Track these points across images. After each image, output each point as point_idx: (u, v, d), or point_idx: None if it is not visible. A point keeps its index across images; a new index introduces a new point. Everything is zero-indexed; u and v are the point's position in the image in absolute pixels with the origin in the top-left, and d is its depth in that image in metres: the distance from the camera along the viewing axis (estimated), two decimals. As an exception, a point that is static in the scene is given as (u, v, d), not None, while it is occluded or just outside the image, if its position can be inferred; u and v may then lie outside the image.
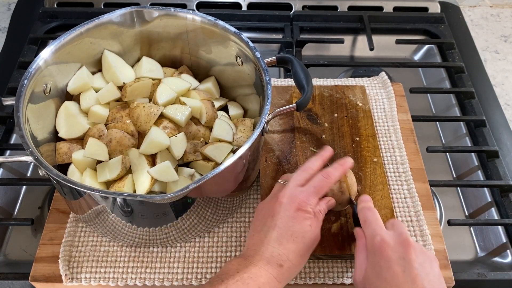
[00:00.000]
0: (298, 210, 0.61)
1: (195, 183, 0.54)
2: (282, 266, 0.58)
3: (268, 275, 0.57)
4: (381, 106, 0.89)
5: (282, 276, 0.58)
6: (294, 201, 0.61)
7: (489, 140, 0.90)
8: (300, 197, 0.62)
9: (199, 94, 0.74)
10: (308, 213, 0.61)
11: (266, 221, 0.62)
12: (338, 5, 1.18)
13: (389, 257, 0.55)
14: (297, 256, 0.59)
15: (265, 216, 0.62)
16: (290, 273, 0.59)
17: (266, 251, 0.59)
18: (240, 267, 0.57)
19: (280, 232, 0.60)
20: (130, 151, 0.67)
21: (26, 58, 1.02)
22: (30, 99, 0.63)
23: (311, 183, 0.64)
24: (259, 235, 0.61)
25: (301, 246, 0.60)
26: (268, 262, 0.58)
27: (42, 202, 0.84)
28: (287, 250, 0.59)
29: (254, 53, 0.68)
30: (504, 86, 1.08)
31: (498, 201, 0.84)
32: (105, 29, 0.71)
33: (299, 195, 0.62)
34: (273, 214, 0.61)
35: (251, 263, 0.58)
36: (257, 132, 0.60)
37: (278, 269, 0.58)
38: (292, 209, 0.61)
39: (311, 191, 0.63)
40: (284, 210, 0.61)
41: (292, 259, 0.59)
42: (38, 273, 0.69)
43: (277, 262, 0.58)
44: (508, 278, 0.73)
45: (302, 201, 0.61)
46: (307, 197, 0.62)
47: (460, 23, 1.17)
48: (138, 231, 0.65)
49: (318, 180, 0.64)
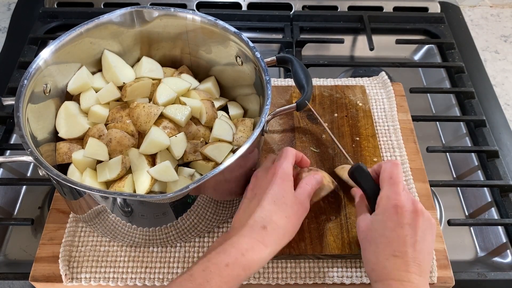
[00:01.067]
0: (274, 174, 0.62)
1: (195, 183, 0.54)
2: (265, 228, 0.58)
3: (251, 240, 0.57)
4: (381, 106, 0.89)
5: (268, 238, 0.58)
6: (269, 169, 0.64)
7: (489, 140, 0.90)
8: (274, 165, 0.64)
9: (199, 94, 0.74)
10: (285, 174, 0.62)
11: (246, 195, 0.64)
12: (338, 5, 1.18)
13: (399, 221, 0.57)
14: (281, 217, 0.59)
15: (246, 193, 0.64)
16: (277, 236, 0.59)
17: (248, 218, 0.59)
18: (222, 240, 0.58)
19: (259, 198, 0.60)
20: (130, 151, 0.67)
21: (26, 58, 1.02)
22: (30, 99, 0.63)
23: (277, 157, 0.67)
24: (242, 209, 0.62)
25: (283, 207, 0.60)
26: (250, 228, 0.58)
27: (42, 202, 0.84)
28: (269, 211, 0.59)
29: (254, 53, 0.68)
30: (504, 86, 1.08)
31: (498, 201, 0.84)
32: (105, 29, 0.71)
33: (271, 163, 0.65)
34: (252, 187, 0.64)
35: (234, 234, 0.58)
36: (257, 132, 0.60)
37: (262, 231, 0.57)
38: (269, 175, 0.62)
39: (279, 158, 0.65)
40: (261, 179, 0.63)
41: (276, 220, 0.59)
42: (38, 273, 0.69)
43: (260, 225, 0.58)
44: (508, 278, 0.73)
45: (276, 166, 0.63)
46: (279, 163, 0.63)
47: (460, 23, 1.17)
48: (138, 231, 0.65)
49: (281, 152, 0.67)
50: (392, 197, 0.59)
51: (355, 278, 0.68)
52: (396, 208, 0.58)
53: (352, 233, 0.70)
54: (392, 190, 0.60)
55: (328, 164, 0.78)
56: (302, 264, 0.70)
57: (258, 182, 0.64)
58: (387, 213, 0.59)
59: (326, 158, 0.79)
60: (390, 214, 0.58)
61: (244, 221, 0.59)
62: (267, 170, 0.64)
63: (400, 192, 0.60)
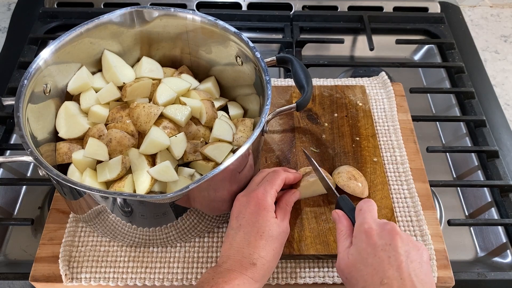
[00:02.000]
0: (258, 204, 0.62)
1: (195, 183, 0.54)
2: (255, 265, 0.59)
3: (242, 276, 0.58)
4: (381, 106, 0.89)
5: (257, 274, 0.59)
6: (252, 197, 0.63)
7: (489, 140, 0.90)
8: (256, 192, 0.63)
9: (199, 94, 0.74)
10: (269, 205, 0.62)
11: (231, 223, 0.63)
12: (338, 5, 1.18)
13: (375, 243, 0.55)
14: (268, 251, 0.60)
15: (231, 219, 0.64)
16: (265, 270, 0.60)
17: (236, 254, 0.60)
18: (214, 274, 0.58)
19: (246, 231, 0.61)
20: (130, 151, 0.67)
21: (26, 58, 1.02)
22: (30, 99, 0.63)
23: (264, 179, 0.66)
24: (228, 240, 0.62)
25: (270, 240, 0.60)
26: (240, 264, 0.59)
27: (42, 202, 0.84)
28: (256, 248, 0.59)
29: (254, 53, 0.68)
30: (504, 86, 1.08)
31: (498, 201, 0.84)
32: (105, 29, 0.71)
33: (255, 190, 0.64)
34: (237, 215, 0.63)
35: (225, 269, 0.59)
36: (257, 132, 0.60)
37: (252, 268, 0.58)
38: (252, 205, 0.62)
39: (265, 184, 0.65)
40: (245, 207, 0.62)
41: (264, 256, 0.59)
42: (38, 273, 0.69)
43: (249, 262, 0.59)
44: (508, 278, 0.73)
45: (259, 194, 0.63)
46: (263, 190, 0.63)
47: (460, 23, 1.17)
48: (138, 231, 0.65)
49: (269, 175, 0.67)
50: (361, 222, 0.58)
51: (355, 278, 0.68)
52: (367, 232, 0.56)
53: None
54: (360, 218, 0.59)
55: (328, 164, 0.78)
56: (302, 264, 0.70)
57: (242, 210, 0.63)
58: (360, 240, 0.56)
59: (326, 158, 0.79)
60: (362, 240, 0.56)
61: (233, 255, 0.60)
62: (249, 197, 0.63)
63: (367, 217, 0.58)
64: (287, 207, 0.66)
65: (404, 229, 0.73)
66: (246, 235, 0.60)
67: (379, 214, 0.72)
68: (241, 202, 0.64)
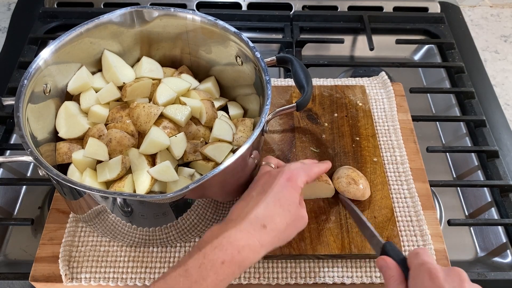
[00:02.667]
0: (289, 180, 0.61)
1: (195, 183, 0.54)
2: (265, 227, 0.56)
3: (248, 236, 0.55)
4: (381, 106, 0.89)
5: (265, 238, 0.56)
6: (285, 173, 0.62)
7: (489, 140, 0.90)
8: (291, 171, 0.62)
9: (199, 94, 0.74)
10: (298, 186, 0.61)
11: (255, 187, 0.62)
12: (338, 5, 1.18)
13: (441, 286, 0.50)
14: (282, 221, 0.58)
15: (255, 185, 0.62)
16: (273, 238, 0.57)
17: (250, 212, 0.57)
18: (219, 232, 0.55)
19: (268, 196, 0.59)
20: (130, 151, 0.67)
21: (26, 58, 1.02)
22: (30, 99, 0.63)
23: (300, 162, 0.66)
24: (245, 200, 0.60)
25: (287, 213, 0.59)
26: (250, 223, 0.56)
27: (42, 202, 0.84)
28: (273, 212, 0.58)
29: (254, 53, 0.68)
30: (504, 86, 1.08)
31: (498, 201, 0.84)
32: (105, 29, 0.71)
33: (290, 169, 0.63)
34: (264, 183, 0.62)
35: (232, 227, 0.56)
36: (257, 132, 0.60)
37: (261, 230, 0.56)
38: (283, 179, 0.61)
39: (301, 168, 0.64)
40: (275, 178, 0.61)
41: (278, 222, 0.57)
42: (38, 273, 0.69)
43: (261, 223, 0.56)
44: (508, 278, 0.73)
45: (293, 173, 0.62)
46: (297, 172, 0.62)
47: (460, 23, 1.17)
48: (138, 231, 0.65)
49: (308, 163, 0.66)
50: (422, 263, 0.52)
51: (355, 278, 0.68)
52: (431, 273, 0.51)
53: (352, 233, 0.70)
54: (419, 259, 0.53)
55: (328, 164, 0.78)
56: (302, 264, 0.70)
57: (270, 180, 0.62)
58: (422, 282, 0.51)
59: (326, 158, 0.79)
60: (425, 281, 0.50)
61: (245, 214, 0.57)
62: (283, 171, 0.62)
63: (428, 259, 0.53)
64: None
65: (404, 229, 0.73)
66: (267, 199, 0.58)
67: (379, 214, 0.72)
68: (272, 174, 0.62)
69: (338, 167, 0.77)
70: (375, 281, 0.68)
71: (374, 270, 0.69)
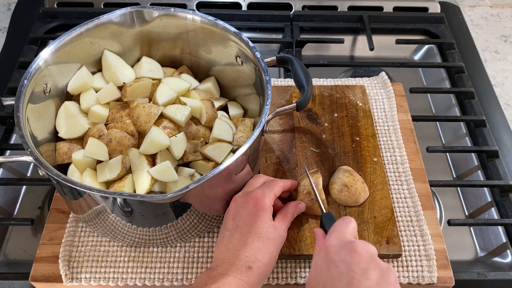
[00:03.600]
0: (256, 204, 0.61)
1: (195, 183, 0.54)
2: (251, 268, 0.57)
3: (236, 281, 0.56)
4: (381, 106, 0.89)
5: (253, 278, 0.57)
6: (251, 197, 0.61)
7: (489, 140, 0.90)
8: (254, 193, 0.62)
9: (199, 94, 0.74)
10: (267, 206, 0.61)
11: (227, 225, 0.61)
12: (338, 5, 1.18)
13: (331, 259, 0.53)
14: (265, 254, 0.58)
15: (226, 221, 0.62)
16: (260, 274, 0.58)
17: (232, 256, 0.58)
18: (208, 279, 0.56)
19: (243, 232, 0.59)
20: (130, 151, 0.67)
21: (26, 58, 1.02)
22: (30, 99, 0.63)
23: (263, 184, 0.65)
24: (223, 242, 0.60)
25: (267, 242, 0.59)
26: (236, 268, 0.57)
27: (42, 202, 0.84)
28: (253, 249, 0.58)
29: (254, 53, 0.68)
30: (504, 86, 1.08)
31: (498, 201, 0.84)
32: (105, 29, 0.71)
33: (254, 191, 0.62)
34: (233, 216, 0.61)
35: (219, 273, 0.56)
36: (257, 132, 0.60)
37: (247, 272, 0.56)
38: (250, 205, 0.61)
39: (264, 187, 0.63)
40: (242, 208, 0.61)
41: (261, 258, 0.58)
42: (38, 273, 0.69)
43: (246, 265, 0.57)
44: (508, 278, 0.73)
45: (257, 195, 0.61)
46: (261, 192, 0.62)
47: (460, 23, 1.17)
48: (138, 231, 0.65)
49: (268, 181, 0.66)
50: (326, 239, 0.56)
51: (355, 278, 0.68)
52: (326, 248, 0.55)
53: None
54: (327, 235, 0.57)
55: (328, 164, 0.78)
56: (302, 264, 0.70)
57: (239, 211, 0.61)
58: (318, 256, 0.55)
59: (326, 158, 0.79)
60: (321, 256, 0.55)
61: (228, 258, 0.58)
62: (247, 197, 0.62)
63: (333, 235, 0.56)
64: (287, 214, 0.64)
65: (404, 229, 0.73)
66: (243, 236, 0.58)
67: (379, 214, 0.72)
68: (238, 203, 0.62)
69: (338, 167, 0.77)
70: (375, 281, 0.68)
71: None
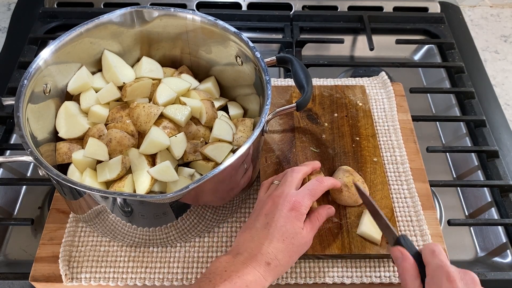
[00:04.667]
0: (292, 210, 0.62)
1: (195, 183, 0.54)
2: (269, 264, 0.59)
3: (255, 272, 0.58)
4: (381, 106, 0.89)
5: (268, 274, 0.59)
6: (288, 201, 0.62)
7: (489, 140, 0.90)
8: (295, 198, 0.63)
9: (199, 94, 0.74)
10: (302, 214, 0.62)
11: (259, 218, 0.63)
12: (338, 5, 1.18)
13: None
14: (285, 256, 0.60)
15: (259, 214, 0.63)
16: (276, 272, 0.60)
17: (255, 249, 0.59)
18: (227, 265, 0.58)
19: (271, 231, 0.60)
20: (130, 151, 0.67)
21: (26, 58, 1.02)
22: (30, 99, 0.63)
23: (305, 186, 0.65)
24: (250, 232, 0.62)
25: (290, 247, 0.60)
26: (256, 260, 0.59)
27: (42, 202, 0.84)
28: (276, 249, 0.60)
29: (254, 53, 0.68)
30: (504, 86, 1.08)
31: (498, 201, 0.84)
32: (105, 29, 0.71)
33: (294, 195, 0.63)
34: (267, 213, 0.62)
35: (239, 261, 0.58)
36: (257, 132, 0.60)
37: (265, 267, 0.59)
38: (286, 209, 0.62)
39: (306, 193, 0.64)
40: (278, 209, 0.62)
41: (280, 259, 0.60)
42: (38, 273, 0.69)
43: (265, 260, 0.59)
44: (508, 278, 0.73)
45: (296, 201, 0.62)
46: (302, 198, 0.63)
47: (460, 23, 1.17)
48: (138, 231, 0.65)
49: (312, 184, 0.65)
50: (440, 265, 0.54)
51: (355, 278, 0.68)
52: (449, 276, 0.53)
53: (352, 233, 0.70)
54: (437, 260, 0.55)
55: (328, 164, 0.78)
56: (302, 264, 0.70)
57: (273, 211, 0.62)
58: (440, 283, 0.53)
59: (326, 158, 0.79)
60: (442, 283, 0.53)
61: (251, 249, 0.60)
62: (286, 200, 0.62)
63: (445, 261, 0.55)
64: (317, 221, 0.65)
65: (404, 229, 0.73)
66: (271, 235, 0.60)
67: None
68: (275, 203, 0.63)
69: (338, 167, 0.77)
70: (375, 281, 0.68)
71: (374, 270, 0.69)
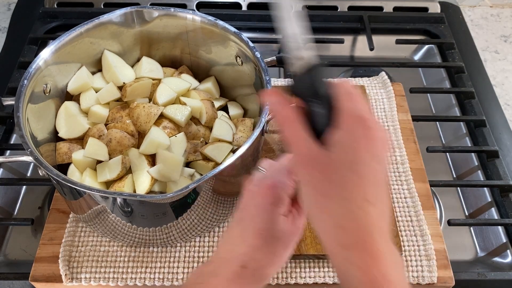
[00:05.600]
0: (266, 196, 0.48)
1: (195, 183, 0.54)
2: (246, 268, 0.46)
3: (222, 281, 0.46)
4: (381, 106, 0.89)
5: (247, 280, 0.47)
6: (261, 187, 0.49)
7: (489, 140, 0.90)
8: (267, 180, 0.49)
9: (199, 94, 0.74)
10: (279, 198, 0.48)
11: (234, 215, 0.51)
12: (338, 5, 1.18)
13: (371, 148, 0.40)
14: (265, 254, 0.47)
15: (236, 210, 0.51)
16: (257, 276, 0.47)
17: (227, 252, 0.48)
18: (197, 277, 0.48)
19: (244, 226, 0.48)
20: (130, 151, 0.67)
21: (26, 58, 1.02)
22: (30, 99, 0.63)
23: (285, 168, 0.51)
24: (227, 233, 0.51)
25: (269, 241, 0.47)
26: (229, 265, 0.47)
27: (42, 202, 0.84)
28: (251, 247, 0.47)
29: (254, 53, 0.68)
30: (504, 86, 1.08)
31: (498, 201, 0.84)
32: (105, 29, 0.71)
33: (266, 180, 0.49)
34: (242, 207, 0.50)
35: (209, 270, 0.48)
36: (257, 132, 0.60)
37: (239, 271, 0.46)
38: (260, 196, 0.48)
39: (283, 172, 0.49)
40: (251, 198, 0.49)
41: (260, 259, 0.47)
42: (38, 273, 0.69)
43: (240, 264, 0.46)
44: (508, 278, 0.73)
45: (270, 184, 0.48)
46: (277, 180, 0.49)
47: (460, 23, 1.17)
48: (138, 231, 0.65)
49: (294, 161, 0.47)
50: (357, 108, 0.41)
51: (355, 278, 0.68)
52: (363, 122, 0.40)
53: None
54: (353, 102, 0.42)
55: (328, 164, 0.78)
56: (302, 264, 0.70)
57: (248, 201, 0.49)
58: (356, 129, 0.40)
59: (326, 158, 0.79)
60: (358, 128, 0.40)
61: (224, 253, 0.49)
62: (259, 185, 0.49)
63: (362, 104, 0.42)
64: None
65: (404, 229, 0.73)
66: (243, 231, 0.48)
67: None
68: (249, 192, 0.49)
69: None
70: (375, 281, 0.68)
71: (374, 270, 0.69)
